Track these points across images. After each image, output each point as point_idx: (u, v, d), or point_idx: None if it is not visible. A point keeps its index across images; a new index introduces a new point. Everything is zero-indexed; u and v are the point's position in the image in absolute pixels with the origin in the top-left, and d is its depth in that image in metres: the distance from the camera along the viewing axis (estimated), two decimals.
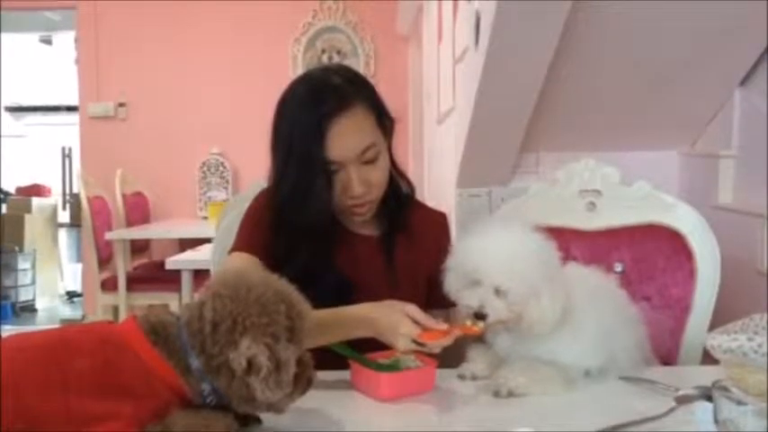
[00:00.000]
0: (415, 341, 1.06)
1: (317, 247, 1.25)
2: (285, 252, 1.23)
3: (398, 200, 1.35)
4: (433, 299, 1.27)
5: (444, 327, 1.07)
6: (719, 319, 1.33)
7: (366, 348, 1.14)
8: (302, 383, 0.91)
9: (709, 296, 1.51)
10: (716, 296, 1.51)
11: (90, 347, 0.83)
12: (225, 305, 0.86)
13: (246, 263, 1.22)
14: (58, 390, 0.79)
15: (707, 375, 1.06)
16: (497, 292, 1.07)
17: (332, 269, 1.25)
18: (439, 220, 1.43)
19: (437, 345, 1.06)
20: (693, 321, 1.52)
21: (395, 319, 1.07)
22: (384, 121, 1.29)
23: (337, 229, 1.31)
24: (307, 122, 1.20)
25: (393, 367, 1.10)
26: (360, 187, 1.23)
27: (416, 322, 1.07)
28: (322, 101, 1.20)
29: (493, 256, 1.08)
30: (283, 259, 1.20)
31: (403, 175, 1.37)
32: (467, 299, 1.09)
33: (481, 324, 1.07)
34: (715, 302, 1.50)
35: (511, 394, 1.06)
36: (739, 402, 0.81)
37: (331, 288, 1.20)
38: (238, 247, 1.28)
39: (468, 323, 1.08)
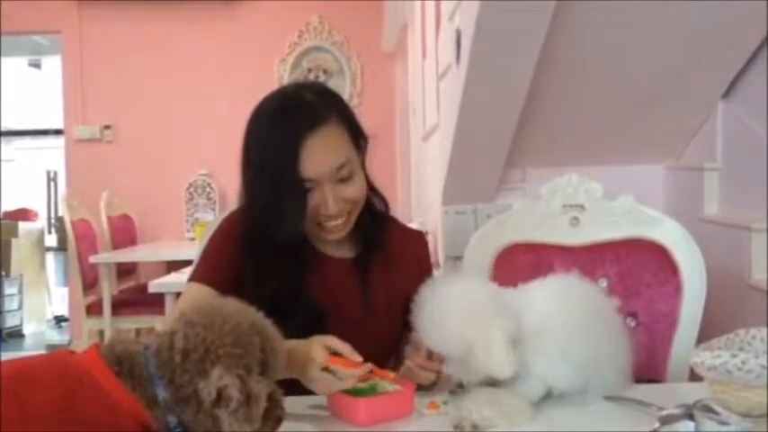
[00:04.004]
0: (325, 369, 1.03)
1: (289, 271, 1.21)
2: (255, 276, 1.19)
3: (373, 219, 1.31)
4: (411, 320, 1.24)
5: (359, 359, 1.05)
6: (708, 333, 1.31)
7: None
8: (271, 421, 0.87)
9: (696, 310, 1.50)
10: (703, 310, 1.49)
11: (49, 379, 0.79)
12: (198, 334, 0.84)
13: (204, 295, 1.17)
14: (17, 424, 0.76)
15: (694, 393, 1.04)
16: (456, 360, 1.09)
17: (303, 294, 1.21)
18: (416, 238, 1.41)
19: (348, 374, 1.04)
20: (680, 336, 1.50)
21: (309, 348, 1.05)
22: (358, 139, 1.25)
23: (309, 251, 1.27)
24: (279, 140, 1.17)
25: (370, 391, 1.08)
26: (335, 206, 1.20)
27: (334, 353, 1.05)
28: (295, 118, 1.17)
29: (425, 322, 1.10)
30: (253, 284, 1.16)
31: (377, 193, 1.33)
32: None
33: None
34: (702, 316, 1.49)
35: (475, 428, 1.00)
36: (722, 422, 0.79)
37: (303, 314, 1.15)
38: (197, 277, 1.25)
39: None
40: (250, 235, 1.22)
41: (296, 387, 1.00)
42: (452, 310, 1.06)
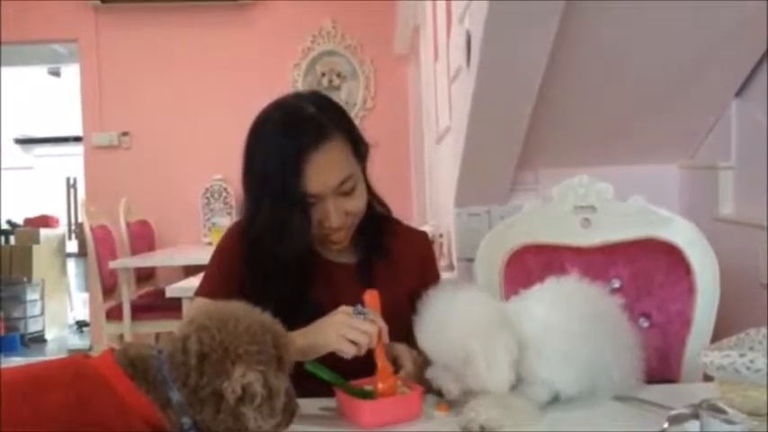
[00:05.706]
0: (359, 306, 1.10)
1: (294, 280, 1.22)
2: (261, 286, 1.20)
3: (375, 224, 1.32)
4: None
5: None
6: (722, 333, 1.30)
7: (352, 374, 1.12)
8: (287, 415, 0.90)
9: (710, 310, 1.49)
10: (716, 310, 1.48)
11: (63, 382, 0.81)
12: (213, 337, 0.86)
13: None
14: (31, 427, 0.78)
15: (707, 393, 1.03)
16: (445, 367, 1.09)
17: (308, 302, 1.22)
18: (419, 239, 1.41)
19: (378, 318, 1.10)
20: (694, 336, 1.49)
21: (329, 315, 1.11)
22: (359, 149, 1.26)
23: (313, 258, 1.27)
24: (283, 156, 1.16)
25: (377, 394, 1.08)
26: (338, 219, 1.21)
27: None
28: (298, 133, 1.17)
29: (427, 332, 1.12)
30: (258, 293, 1.14)
31: (378, 198, 1.34)
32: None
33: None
34: (717, 316, 1.47)
35: (483, 429, 1.01)
36: (728, 421, 0.79)
37: (307, 320, 1.15)
38: (203, 292, 1.27)
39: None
40: (254, 247, 1.23)
41: (304, 387, 1.01)
42: (457, 319, 1.07)
